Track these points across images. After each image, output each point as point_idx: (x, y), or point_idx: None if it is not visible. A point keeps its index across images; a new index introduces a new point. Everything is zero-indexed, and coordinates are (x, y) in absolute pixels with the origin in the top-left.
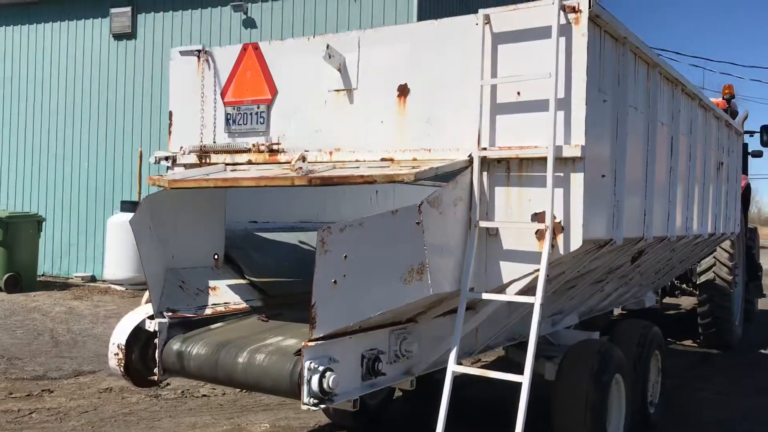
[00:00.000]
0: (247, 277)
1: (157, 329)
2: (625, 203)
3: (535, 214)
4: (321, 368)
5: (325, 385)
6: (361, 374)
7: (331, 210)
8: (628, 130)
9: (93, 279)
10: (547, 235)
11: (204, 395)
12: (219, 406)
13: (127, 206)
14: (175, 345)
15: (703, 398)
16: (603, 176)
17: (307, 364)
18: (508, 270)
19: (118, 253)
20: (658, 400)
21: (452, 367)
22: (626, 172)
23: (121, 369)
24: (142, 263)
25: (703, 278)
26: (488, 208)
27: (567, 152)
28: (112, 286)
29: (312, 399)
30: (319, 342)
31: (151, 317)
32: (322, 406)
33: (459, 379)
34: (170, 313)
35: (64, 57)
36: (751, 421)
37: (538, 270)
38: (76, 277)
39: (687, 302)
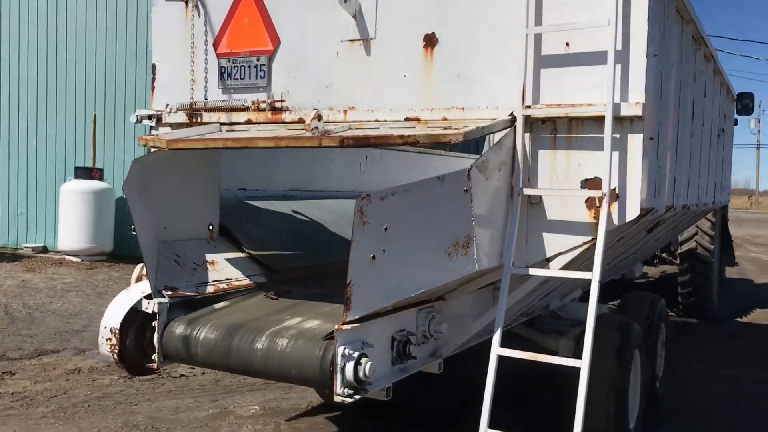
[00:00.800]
0: (246, 250)
1: (156, 310)
2: (666, 169)
3: (586, 180)
4: (356, 354)
5: (361, 374)
6: (391, 358)
7: (321, 177)
8: (670, 90)
9: (45, 250)
10: (605, 204)
11: (182, 375)
12: (200, 387)
13: (81, 173)
14: (179, 328)
15: (694, 371)
16: (651, 139)
17: (340, 350)
18: (553, 242)
19: (72, 222)
20: (662, 374)
21: (497, 351)
22: (667, 136)
23: (115, 356)
24: (138, 235)
25: (685, 247)
26: (530, 174)
27: (626, 111)
28: (67, 257)
29: (346, 389)
30: (354, 325)
31: (148, 297)
32: (357, 397)
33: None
34: (170, 292)
35: (6, 15)
36: (752, 398)
37: (586, 242)
38: (26, 247)
39: (653, 271)
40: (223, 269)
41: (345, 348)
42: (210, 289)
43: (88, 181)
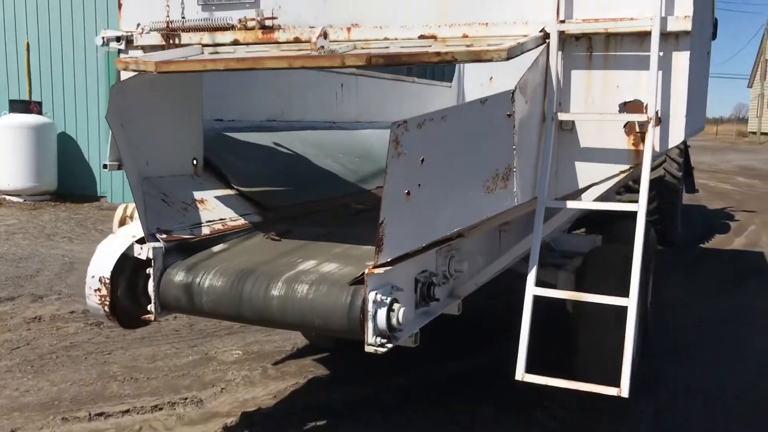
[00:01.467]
0: (235, 187)
1: (150, 256)
2: (695, 89)
3: (625, 103)
4: (387, 300)
5: (393, 320)
6: (415, 301)
7: (298, 107)
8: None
9: None
10: (650, 129)
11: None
12: (175, 332)
13: (17, 106)
14: (178, 275)
15: (672, 297)
16: (696, 57)
17: (371, 295)
18: (586, 172)
19: (11, 160)
20: (650, 305)
21: (533, 291)
22: (701, 55)
23: (106, 308)
24: (126, 172)
25: (653, 174)
26: (562, 97)
27: (673, 25)
28: (8, 197)
29: (378, 338)
30: (387, 268)
31: (140, 241)
32: (389, 346)
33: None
34: (164, 235)
35: None
36: (735, 324)
37: (623, 171)
38: None
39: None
40: (214, 208)
41: (376, 293)
42: (205, 230)
43: (26, 116)
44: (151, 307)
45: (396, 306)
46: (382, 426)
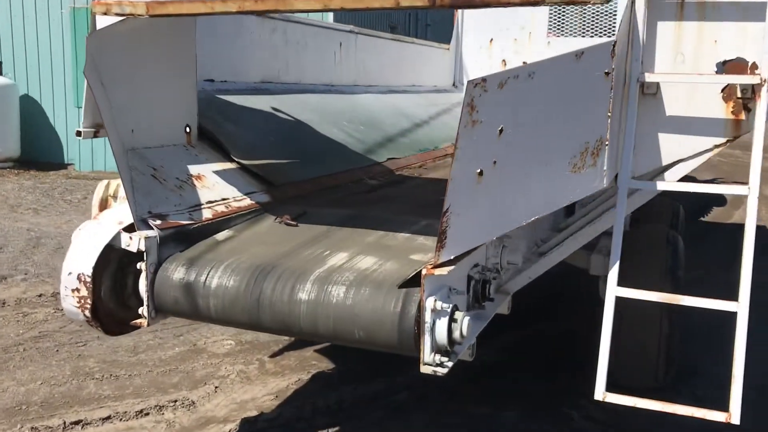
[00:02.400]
0: (236, 159)
1: (143, 248)
2: None
3: (725, 62)
4: (448, 308)
5: (456, 333)
6: (468, 303)
7: (294, 68)
8: None
9: None
10: (764, 93)
11: None
12: None
13: None
14: (177, 272)
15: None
16: None
17: (429, 302)
18: (672, 146)
19: None
20: None
21: (614, 291)
22: None
23: (86, 312)
24: (109, 140)
25: None
26: (645, 54)
27: None
28: None
29: (437, 356)
30: (450, 268)
31: (128, 229)
32: (449, 365)
33: None
34: (158, 222)
35: None
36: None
37: (717, 146)
38: None
39: None
40: (214, 186)
41: (435, 299)
42: (207, 213)
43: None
44: (143, 310)
45: (458, 315)
46: None
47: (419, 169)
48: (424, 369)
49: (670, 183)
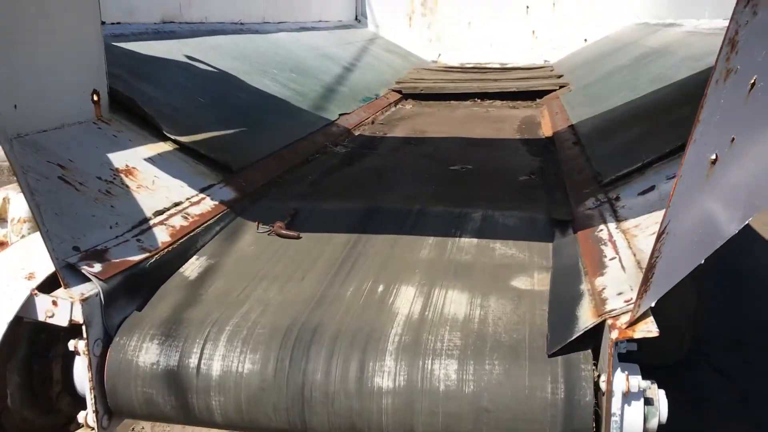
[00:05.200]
0: (172, 137)
1: (79, 317)
2: None
3: None
4: (646, 386)
5: (652, 423)
6: None
7: (198, 3)
8: None
9: None
10: None
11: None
12: None
13: None
14: (144, 351)
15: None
16: None
17: (619, 382)
18: None
19: None
20: None
21: None
22: None
23: None
24: None
25: None
26: None
27: None
28: None
29: None
30: (650, 321)
31: (46, 284)
32: None
33: None
34: (97, 266)
35: None
36: None
37: None
38: None
39: None
40: (154, 183)
41: (627, 377)
42: (161, 235)
43: None
44: (85, 416)
45: (654, 393)
46: None
47: (376, 126)
48: None
49: None
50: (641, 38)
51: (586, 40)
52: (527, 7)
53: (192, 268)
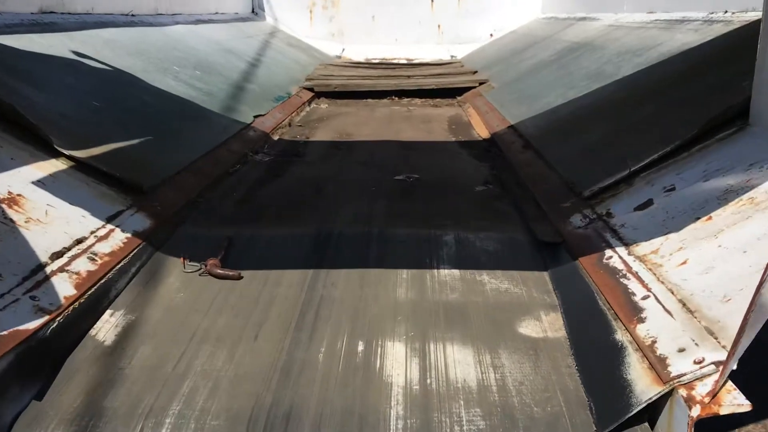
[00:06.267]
0: (64, 152)
1: None
2: None
3: None
4: None
5: None
6: None
7: None
8: None
9: None
10: None
11: None
12: None
13: None
14: None
15: None
16: None
17: None
18: None
19: None
20: None
21: None
22: None
23: None
24: None
25: None
26: None
27: None
28: None
29: None
30: (735, 391)
31: None
32: None
33: None
34: None
35: None
36: None
37: None
38: None
39: None
40: (48, 214)
41: None
42: (63, 287)
43: None
44: None
45: None
46: None
47: (295, 129)
48: None
49: None
50: (556, 32)
51: (491, 34)
52: (432, 0)
53: (106, 328)
